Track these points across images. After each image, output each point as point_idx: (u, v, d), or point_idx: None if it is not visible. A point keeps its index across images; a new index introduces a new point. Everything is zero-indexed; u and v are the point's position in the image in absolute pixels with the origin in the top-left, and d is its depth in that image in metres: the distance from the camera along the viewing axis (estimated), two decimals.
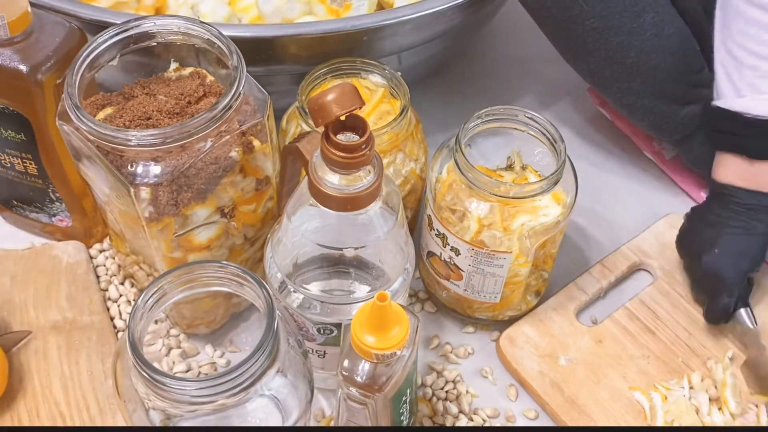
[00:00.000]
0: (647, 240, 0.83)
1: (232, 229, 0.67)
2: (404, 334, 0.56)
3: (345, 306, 0.62)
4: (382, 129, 0.68)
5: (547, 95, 0.99)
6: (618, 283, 0.81)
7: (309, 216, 0.59)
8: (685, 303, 0.78)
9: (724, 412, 0.70)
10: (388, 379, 0.58)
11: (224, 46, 0.62)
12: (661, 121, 0.81)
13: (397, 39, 0.78)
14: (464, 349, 0.76)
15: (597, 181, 0.90)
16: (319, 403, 0.72)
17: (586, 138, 0.94)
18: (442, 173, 0.70)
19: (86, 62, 0.61)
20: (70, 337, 0.73)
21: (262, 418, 0.55)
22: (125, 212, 0.62)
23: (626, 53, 0.76)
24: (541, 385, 0.72)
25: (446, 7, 0.76)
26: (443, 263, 0.72)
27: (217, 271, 0.55)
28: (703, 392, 0.71)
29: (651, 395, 0.71)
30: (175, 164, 0.58)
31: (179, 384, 0.50)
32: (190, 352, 0.74)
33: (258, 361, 0.51)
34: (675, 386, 0.72)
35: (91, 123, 0.56)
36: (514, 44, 1.04)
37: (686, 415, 0.69)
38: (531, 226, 0.67)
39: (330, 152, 0.53)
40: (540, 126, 0.69)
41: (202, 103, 0.64)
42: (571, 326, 0.76)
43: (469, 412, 0.72)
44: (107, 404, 0.69)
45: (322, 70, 0.72)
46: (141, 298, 0.53)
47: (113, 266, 0.79)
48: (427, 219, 0.72)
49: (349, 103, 0.52)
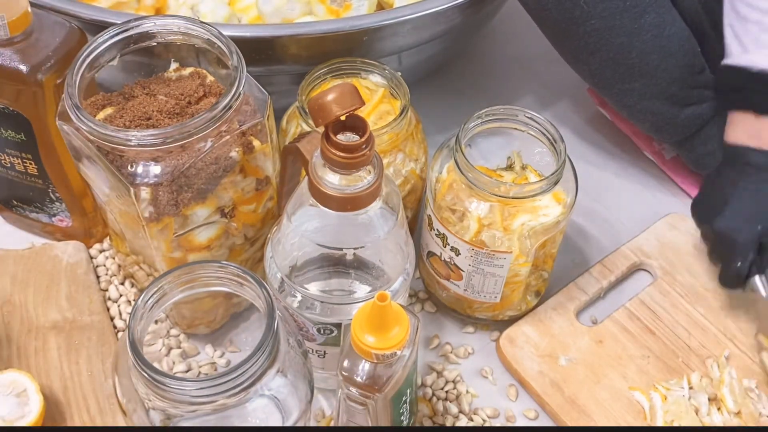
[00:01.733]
0: (647, 240, 0.83)
1: (232, 229, 0.67)
2: (404, 334, 0.56)
3: (345, 306, 0.62)
4: (382, 129, 0.68)
5: (547, 95, 0.99)
6: (618, 283, 0.81)
7: (309, 216, 0.59)
8: (685, 303, 0.78)
9: (723, 413, 0.70)
10: (388, 379, 0.58)
11: (224, 46, 0.62)
12: (662, 122, 0.81)
13: (397, 39, 0.78)
14: (464, 349, 0.76)
15: (597, 181, 0.90)
16: (319, 403, 0.72)
17: (586, 138, 0.94)
18: (442, 173, 0.70)
19: (86, 62, 0.61)
20: (70, 337, 0.73)
21: (262, 418, 0.55)
22: (125, 212, 0.62)
23: (627, 54, 0.76)
24: (541, 385, 0.72)
25: (446, 7, 0.76)
26: (443, 263, 0.72)
27: (217, 271, 0.55)
28: (703, 392, 0.71)
29: (651, 395, 0.71)
30: (175, 164, 0.58)
31: (179, 384, 0.50)
32: (190, 352, 0.74)
33: (258, 361, 0.51)
34: (674, 386, 0.72)
35: (91, 123, 0.56)
36: (514, 44, 1.04)
37: (686, 415, 0.69)
38: (531, 226, 0.67)
39: (330, 152, 0.53)
40: (540, 126, 0.69)
41: (202, 103, 0.64)
42: (571, 326, 0.76)
43: (469, 412, 0.72)
44: (107, 404, 0.69)
45: (322, 70, 0.72)
46: (141, 298, 0.53)
47: (113, 266, 0.79)
48: (427, 219, 0.72)
49: (349, 103, 0.52)
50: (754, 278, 0.72)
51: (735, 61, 0.74)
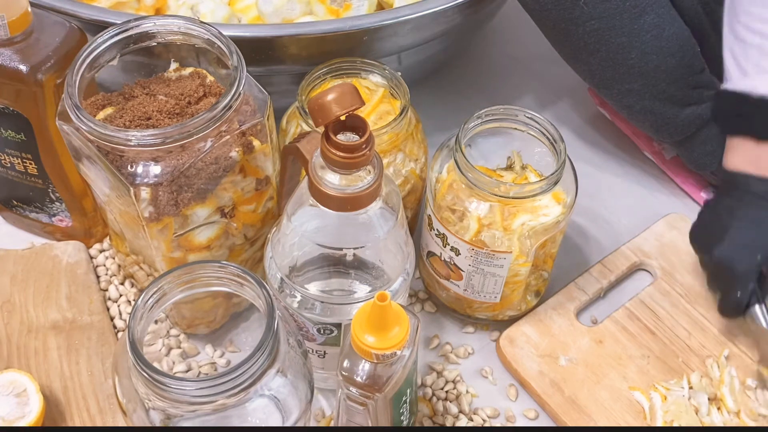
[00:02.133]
0: (647, 240, 0.83)
1: (232, 229, 0.67)
2: (404, 334, 0.56)
3: (345, 306, 0.62)
4: (382, 129, 0.68)
5: (547, 95, 0.99)
6: (618, 283, 0.81)
7: (309, 216, 0.59)
8: (685, 303, 0.78)
9: (723, 412, 0.70)
10: (388, 379, 0.58)
11: (224, 46, 0.62)
12: (661, 122, 0.81)
13: (397, 39, 0.78)
14: (464, 349, 0.76)
15: (597, 181, 0.90)
16: (319, 403, 0.72)
17: (586, 138, 0.94)
18: (442, 173, 0.70)
19: (86, 62, 0.61)
20: (70, 337, 0.73)
21: (262, 418, 0.55)
22: (125, 212, 0.62)
23: (627, 54, 0.76)
24: (541, 385, 0.72)
25: (446, 7, 0.76)
26: (443, 263, 0.72)
27: (217, 271, 0.55)
28: (703, 392, 0.71)
29: (651, 395, 0.71)
30: (175, 164, 0.58)
31: (179, 384, 0.50)
32: (190, 352, 0.74)
33: (258, 361, 0.51)
34: (674, 386, 0.72)
35: (91, 123, 0.56)
36: (514, 44, 1.04)
37: (685, 415, 0.69)
38: (531, 226, 0.67)
39: (330, 152, 0.53)
40: (540, 126, 0.69)
41: (202, 103, 0.64)
42: (571, 326, 0.76)
43: (469, 412, 0.72)
44: (107, 404, 0.69)
45: (322, 70, 0.72)
46: (141, 298, 0.53)
47: (113, 266, 0.79)
48: (427, 219, 0.72)
49: (349, 103, 0.52)
50: (754, 308, 0.71)
51: (735, 86, 0.74)
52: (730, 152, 0.75)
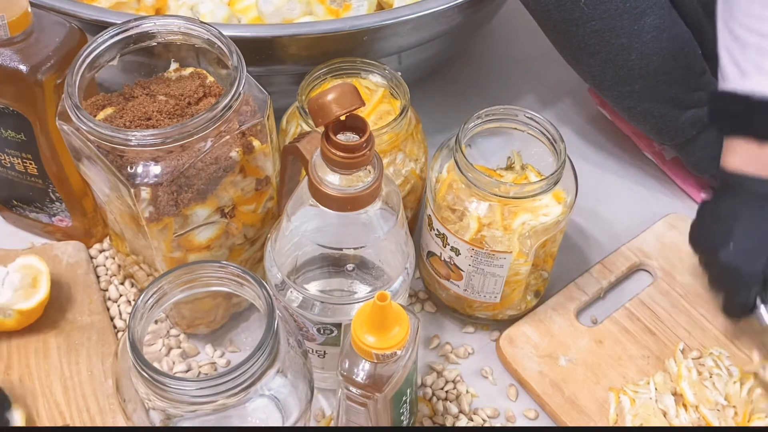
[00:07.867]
0: (647, 240, 0.83)
1: (232, 229, 0.67)
2: (404, 334, 0.56)
3: (345, 306, 0.62)
4: (382, 129, 0.68)
5: (547, 95, 0.99)
6: (618, 284, 0.81)
7: (309, 216, 0.59)
8: (685, 303, 0.78)
9: (690, 411, 0.69)
10: (388, 379, 0.58)
11: (224, 46, 0.62)
12: (662, 125, 0.81)
13: (397, 39, 0.78)
14: (464, 349, 0.76)
15: (597, 181, 0.90)
16: (319, 403, 0.72)
17: (586, 138, 0.94)
18: (442, 173, 0.70)
19: (86, 62, 0.61)
20: (70, 337, 0.73)
21: (262, 418, 0.55)
22: (125, 212, 0.62)
23: (627, 56, 0.76)
24: (540, 385, 0.72)
25: (446, 7, 0.76)
26: (443, 263, 0.72)
27: (217, 271, 0.55)
28: (668, 393, 0.70)
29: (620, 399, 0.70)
30: (175, 164, 0.58)
31: (179, 384, 0.50)
32: (190, 352, 0.74)
33: (258, 361, 0.51)
34: (641, 389, 0.71)
35: (91, 123, 0.56)
36: (514, 44, 1.04)
37: (654, 417, 0.68)
38: (531, 226, 0.67)
39: (330, 152, 0.53)
40: (540, 126, 0.69)
41: (202, 103, 0.64)
42: (571, 326, 0.76)
43: (469, 412, 0.72)
44: (107, 404, 0.69)
45: (322, 70, 0.72)
46: (141, 298, 0.53)
47: (113, 266, 0.79)
48: (427, 219, 0.72)
49: (349, 103, 0.52)
50: (759, 309, 0.71)
51: (734, 87, 0.73)
52: (729, 153, 0.74)
